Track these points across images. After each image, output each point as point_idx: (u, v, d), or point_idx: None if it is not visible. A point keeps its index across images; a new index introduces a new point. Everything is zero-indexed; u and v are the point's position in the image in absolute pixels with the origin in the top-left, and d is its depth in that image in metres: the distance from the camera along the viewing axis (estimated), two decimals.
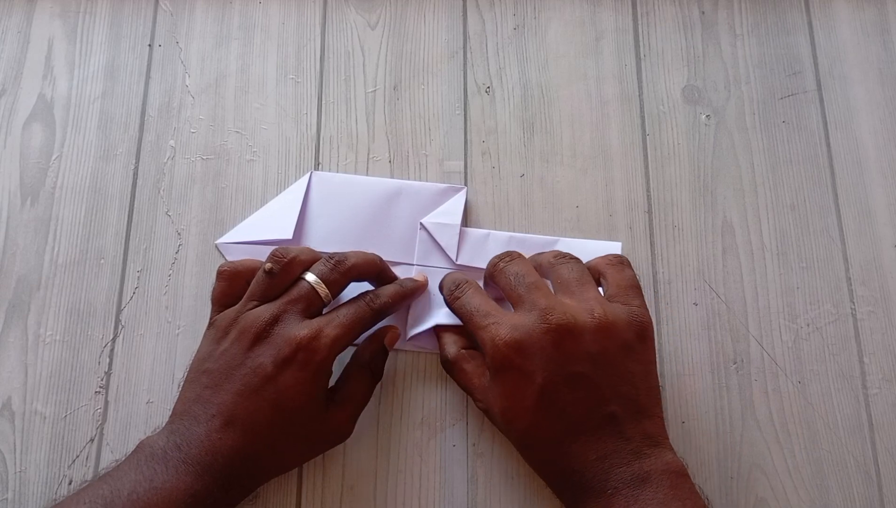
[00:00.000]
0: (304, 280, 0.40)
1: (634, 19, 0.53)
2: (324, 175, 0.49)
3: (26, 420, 0.44)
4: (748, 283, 0.47)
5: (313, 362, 0.38)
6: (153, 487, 0.35)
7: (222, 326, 0.40)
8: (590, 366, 0.37)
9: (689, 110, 0.51)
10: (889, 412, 0.45)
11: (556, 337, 0.37)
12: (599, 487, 0.37)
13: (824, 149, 0.50)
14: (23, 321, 0.46)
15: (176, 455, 0.37)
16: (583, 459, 0.37)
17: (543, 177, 0.49)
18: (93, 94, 0.51)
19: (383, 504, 0.43)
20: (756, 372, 0.45)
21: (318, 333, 0.38)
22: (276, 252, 0.41)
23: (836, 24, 0.53)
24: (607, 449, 0.37)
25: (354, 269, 0.41)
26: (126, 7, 0.53)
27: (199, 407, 0.38)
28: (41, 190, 0.48)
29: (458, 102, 0.51)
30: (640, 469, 0.37)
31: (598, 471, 0.37)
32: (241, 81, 0.51)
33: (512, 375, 0.38)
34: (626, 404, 0.38)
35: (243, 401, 0.37)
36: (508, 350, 0.38)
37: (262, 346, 0.38)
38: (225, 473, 0.37)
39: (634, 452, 0.37)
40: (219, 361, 0.39)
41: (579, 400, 0.37)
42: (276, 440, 0.38)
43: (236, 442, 0.37)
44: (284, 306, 0.39)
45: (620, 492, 0.36)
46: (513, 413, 0.38)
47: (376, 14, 0.53)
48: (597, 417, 0.37)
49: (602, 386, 0.38)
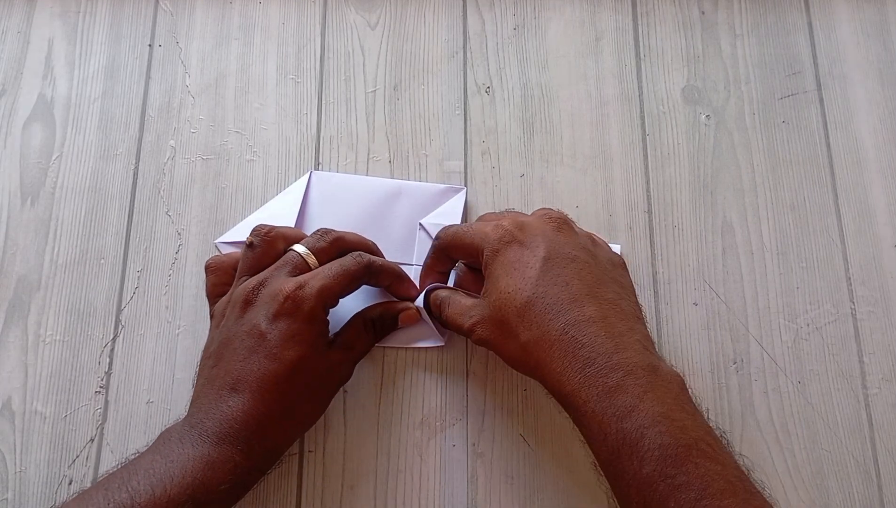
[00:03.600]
0: (293, 250, 0.41)
1: (634, 19, 0.53)
2: (323, 175, 0.49)
3: (26, 420, 0.44)
4: (748, 283, 0.47)
5: (302, 310, 0.38)
6: (169, 461, 0.36)
7: (218, 311, 0.41)
8: (586, 256, 0.39)
9: (689, 110, 0.51)
10: (889, 412, 0.45)
11: (556, 225, 0.40)
12: (612, 365, 0.35)
13: (824, 149, 0.50)
14: (23, 321, 0.46)
15: (190, 433, 0.37)
16: (590, 333, 0.36)
17: (543, 177, 0.49)
18: (93, 94, 0.51)
19: (383, 504, 0.43)
20: (756, 372, 0.45)
21: (303, 284, 0.39)
22: (256, 228, 0.42)
23: (836, 24, 0.53)
24: (616, 329, 0.36)
25: (341, 240, 0.42)
26: (126, 7, 0.53)
27: (208, 386, 0.38)
28: (41, 190, 0.48)
29: (458, 102, 0.51)
30: (648, 360, 0.36)
31: (608, 349, 0.36)
32: (241, 81, 0.51)
33: (514, 249, 0.39)
34: (624, 298, 0.38)
35: (246, 364, 0.38)
36: (512, 227, 0.40)
37: (252, 309, 0.39)
38: (242, 438, 0.37)
39: (641, 342, 0.37)
40: (219, 339, 0.39)
41: (580, 277, 0.38)
42: (284, 396, 0.38)
43: (246, 405, 0.37)
44: (270, 272, 0.40)
45: (634, 373, 0.35)
46: (514, 286, 0.38)
47: (376, 14, 0.53)
48: (599, 296, 0.37)
49: (598, 275, 0.38)
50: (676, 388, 0.36)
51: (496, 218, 0.42)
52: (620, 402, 0.34)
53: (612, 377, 0.35)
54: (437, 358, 0.45)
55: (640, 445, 0.33)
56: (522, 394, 0.45)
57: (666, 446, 0.33)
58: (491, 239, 0.40)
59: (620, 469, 0.34)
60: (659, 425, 0.34)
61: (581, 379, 0.35)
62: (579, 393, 0.35)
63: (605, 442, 0.34)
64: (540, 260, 0.38)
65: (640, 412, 0.34)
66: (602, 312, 0.37)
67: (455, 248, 0.42)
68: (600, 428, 0.35)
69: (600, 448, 0.35)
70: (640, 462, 0.33)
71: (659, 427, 0.33)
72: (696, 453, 0.33)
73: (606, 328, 0.36)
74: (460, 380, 0.45)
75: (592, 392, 0.35)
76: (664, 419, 0.34)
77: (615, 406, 0.34)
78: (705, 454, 0.33)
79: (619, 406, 0.34)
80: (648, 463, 0.33)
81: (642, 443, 0.33)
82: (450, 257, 0.43)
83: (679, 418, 0.34)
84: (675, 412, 0.34)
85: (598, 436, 0.35)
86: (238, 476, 0.37)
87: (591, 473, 0.43)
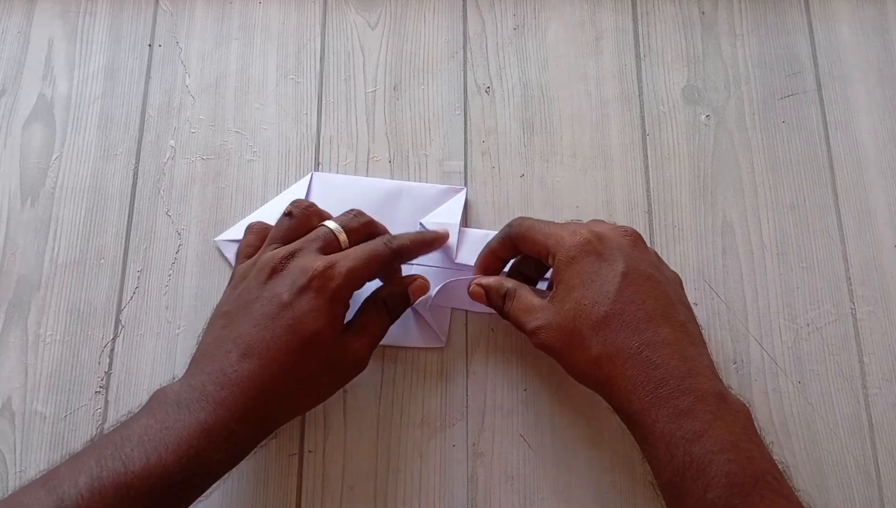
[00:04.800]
0: (325, 225, 0.41)
1: (634, 19, 0.53)
2: (325, 176, 0.49)
3: (26, 420, 0.44)
4: (748, 283, 0.47)
5: (328, 289, 0.38)
6: (164, 427, 0.35)
7: (241, 273, 0.40)
8: (658, 274, 0.39)
9: (689, 110, 0.51)
10: (889, 412, 0.45)
11: (632, 240, 0.40)
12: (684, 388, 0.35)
13: (824, 149, 0.50)
14: (23, 321, 0.46)
15: (189, 395, 0.36)
16: (664, 355, 0.36)
17: (543, 177, 0.49)
18: (93, 94, 0.51)
19: (383, 504, 0.43)
20: (756, 372, 0.45)
21: (334, 263, 0.39)
22: (296, 200, 0.42)
23: (836, 24, 0.53)
24: (688, 353, 0.37)
25: (372, 224, 0.43)
26: (126, 7, 0.53)
27: (216, 346, 0.38)
28: (41, 190, 0.48)
29: (458, 102, 0.51)
30: (718, 388, 0.36)
31: (681, 373, 0.36)
32: (241, 81, 0.51)
33: (591, 260, 0.39)
34: (691, 321, 0.39)
35: (260, 331, 0.37)
36: (591, 237, 0.39)
37: (278, 277, 0.39)
38: (240, 405, 0.36)
39: (710, 368, 0.37)
40: (236, 301, 0.39)
41: (655, 297, 0.38)
42: (293, 369, 0.37)
43: (253, 372, 0.36)
44: (301, 244, 0.40)
45: (705, 399, 0.35)
46: (592, 298, 0.38)
47: (376, 14, 0.53)
48: (672, 318, 0.38)
49: (670, 295, 0.39)
50: (744, 418, 0.36)
51: (572, 224, 0.42)
52: (690, 426, 0.35)
53: (683, 401, 0.35)
54: (437, 358, 0.45)
55: (708, 471, 0.34)
56: (522, 394, 0.45)
57: (733, 474, 0.33)
58: (567, 244, 0.39)
59: (684, 491, 0.34)
60: (727, 452, 0.34)
61: (652, 399, 0.36)
62: (649, 412, 0.36)
63: (671, 463, 0.35)
64: (619, 275, 0.38)
65: (710, 437, 0.34)
66: (675, 335, 0.37)
67: (525, 241, 0.42)
68: (667, 449, 0.35)
69: (665, 468, 0.35)
70: (705, 486, 0.33)
71: (727, 455, 0.34)
72: (763, 485, 0.34)
73: (680, 352, 0.37)
74: (460, 380, 0.45)
75: (662, 413, 0.35)
76: (732, 447, 0.34)
77: (684, 430, 0.35)
78: (771, 486, 0.34)
79: (688, 430, 0.35)
80: (714, 489, 0.33)
81: (710, 469, 0.34)
82: (515, 247, 0.43)
83: (747, 448, 0.35)
84: (743, 442, 0.35)
85: (665, 457, 0.35)
86: (232, 444, 0.36)
87: (590, 473, 0.43)
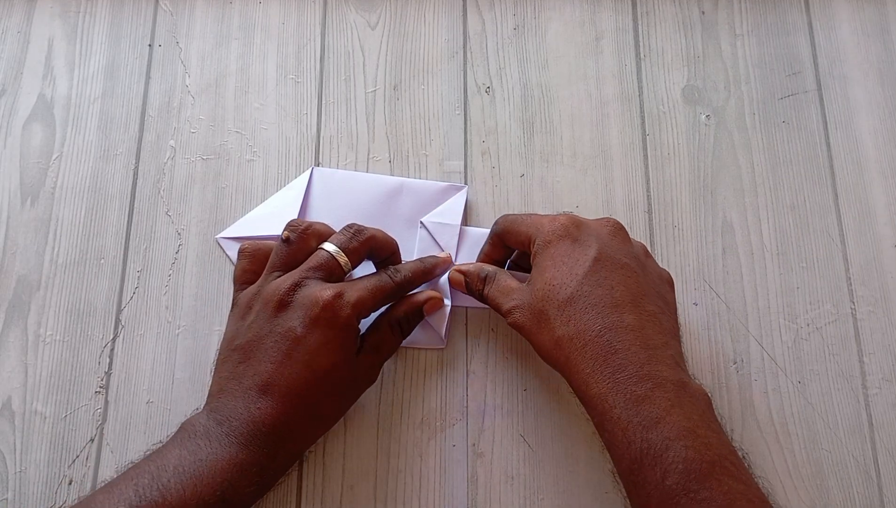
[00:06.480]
0: (323, 249, 0.41)
1: (634, 19, 0.53)
2: (325, 171, 0.49)
3: (26, 420, 0.44)
4: (748, 283, 0.47)
5: (339, 318, 0.38)
6: (198, 459, 0.36)
7: (244, 302, 0.40)
8: (635, 264, 0.39)
9: (689, 110, 0.51)
10: (889, 412, 0.45)
11: (611, 230, 0.40)
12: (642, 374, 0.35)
13: (824, 149, 0.50)
14: (23, 321, 0.46)
15: (217, 430, 0.37)
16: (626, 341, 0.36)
17: (543, 177, 0.49)
18: (93, 94, 0.51)
19: (383, 504, 0.43)
20: (756, 372, 0.45)
21: (342, 293, 0.39)
22: (292, 222, 0.42)
23: (836, 24, 0.53)
24: (652, 341, 0.37)
25: (373, 239, 0.42)
26: (126, 7, 0.53)
27: (234, 383, 0.38)
28: (41, 190, 0.48)
29: (458, 102, 0.51)
30: (678, 376, 0.36)
31: (641, 359, 0.36)
32: (241, 81, 0.51)
33: (566, 244, 0.39)
34: (665, 313, 0.38)
35: (277, 367, 0.38)
36: (568, 222, 0.40)
37: (287, 312, 0.39)
38: (269, 442, 0.37)
39: (674, 358, 0.37)
40: (247, 335, 0.39)
41: (626, 284, 0.38)
42: (314, 402, 0.38)
43: (276, 410, 0.37)
44: (305, 273, 0.40)
45: (664, 386, 0.35)
46: (560, 279, 0.38)
47: (376, 14, 0.53)
48: (641, 307, 0.37)
49: (644, 285, 0.38)
50: (703, 405, 0.36)
51: (555, 214, 0.42)
52: (647, 412, 0.34)
53: (641, 387, 0.35)
54: (437, 358, 0.45)
55: (665, 457, 0.33)
56: (522, 394, 0.45)
57: (690, 460, 0.33)
58: (545, 230, 0.40)
59: (642, 478, 0.34)
60: (685, 439, 0.34)
61: (610, 384, 0.36)
62: (606, 398, 0.35)
63: (629, 450, 0.35)
64: (590, 259, 0.38)
65: (667, 424, 0.34)
66: (640, 322, 0.37)
67: (510, 234, 0.42)
68: (625, 435, 0.35)
69: (623, 454, 0.35)
70: (663, 473, 0.33)
71: (684, 441, 0.34)
72: (720, 470, 0.33)
73: (642, 339, 0.36)
74: (460, 380, 0.45)
75: (619, 399, 0.35)
76: (690, 433, 0.34)
77: (641, 415, 0.34)
78: (728, 472, 0.34)
79: (645, 416, 0.34)
80: (671, 475, 0.33)
81: (667, 455, 0.33)
82: (505, 244, 0.43)
83: (704, 434, 0.34)
84: (701, 429, 0.35)
85: (622, 443, 0.35)
86: (263, 477, 0.37)
87: (591, 473, 0.43)
